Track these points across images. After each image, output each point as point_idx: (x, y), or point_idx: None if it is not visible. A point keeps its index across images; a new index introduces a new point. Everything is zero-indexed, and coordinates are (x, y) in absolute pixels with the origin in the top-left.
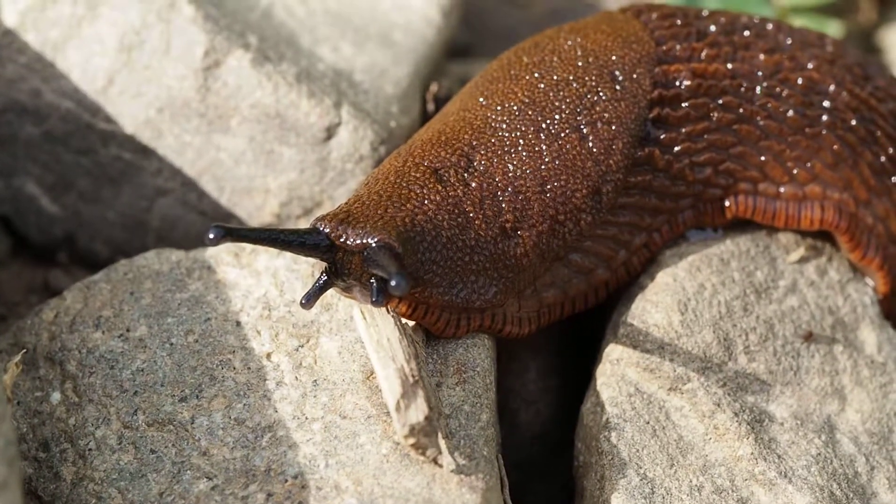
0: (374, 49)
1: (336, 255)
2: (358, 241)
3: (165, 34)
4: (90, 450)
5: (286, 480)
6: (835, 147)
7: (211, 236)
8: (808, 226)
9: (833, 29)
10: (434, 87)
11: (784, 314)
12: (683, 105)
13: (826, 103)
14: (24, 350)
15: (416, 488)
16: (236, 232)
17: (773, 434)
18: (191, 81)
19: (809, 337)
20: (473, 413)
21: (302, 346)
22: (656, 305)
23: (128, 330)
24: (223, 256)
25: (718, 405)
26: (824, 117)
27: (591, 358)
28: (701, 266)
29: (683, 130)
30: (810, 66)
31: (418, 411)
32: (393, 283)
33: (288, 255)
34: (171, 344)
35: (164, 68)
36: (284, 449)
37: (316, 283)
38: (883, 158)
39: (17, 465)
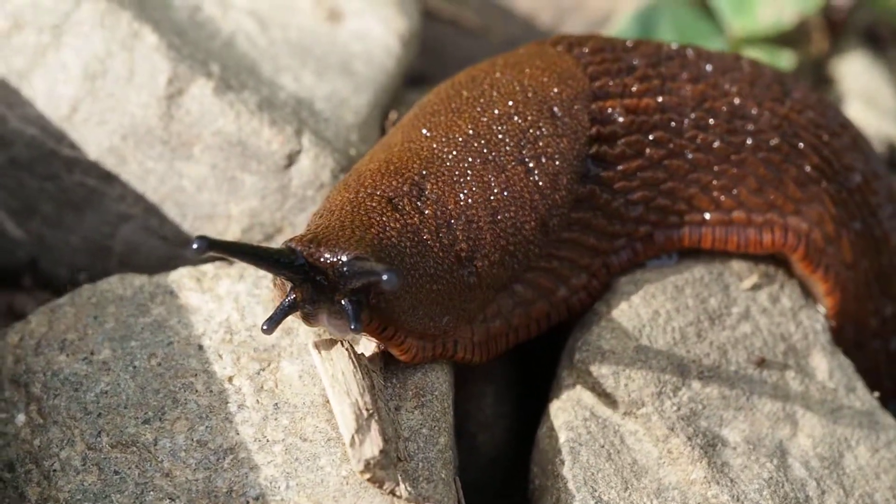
0: (334, 78)
1: (308, 275)
2: (333, 258)
3: (129, 62)
4: (55, 471)
5: (248, 502)
6: (759, 171)
7: (195, 247)
8: (734, 249)
9: (785, 59)
10: (393, 115)
11: (737, 340)
12: (619, 142)
13: (750, 126)
14: None
15: None
16: (219, 244)
17: (726, 458)
18: (154, 109)
19: (762, 363)
20: (432, 436)
21: (263, 370)
22: (612, 332)
23: (92, 353)
24: (185, 281)
25: (672, 430)
26: (748, 141)
27: (547, 383)
28: (656, 293)
29: (619, 168)
30: (733, 90)
31: (373, 445)
32: (385, 277)
33: (249, 280)
34: (135, 367)
35: (127, 96)
36: (246, 471)
37: (279, 306)
38: (808, 168)
39: None
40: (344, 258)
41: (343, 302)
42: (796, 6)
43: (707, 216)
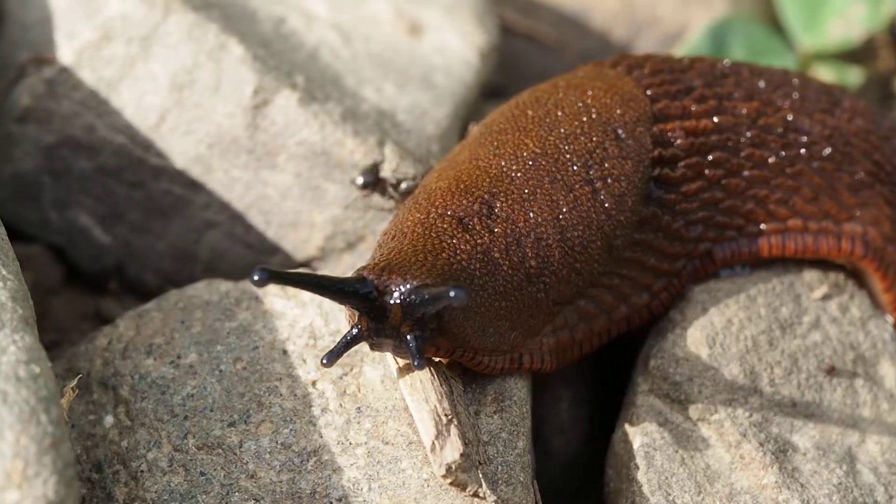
0: (415, 90)
1: (375, 304)
2: (402, 287)
3: (216, 73)
4: (142, 471)
5: (331, 503)
6: (814, 181)
7: (256, 278)
8: (791, 255)
9: (853, 76)
10: (472, 127)
11: (808, 349)
12: (680, 164)
13: (803, 139)
14: (80, 375)
15: None
16: (280, 276)
17: (797, 463)
18: (240, 119)
19: (832, 371)
20: (510, 440)
21: (346, 375)
22: (685, 339)
23: (178, 357)
24: (270, 287)
25: (744, 435)
26: (802, 153)
27: (621, 389)
28: (729, 302)
29: (681, 190)
30: (785, 104)
31: (454, 450)
32: (452, 294)
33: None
34: (221, 371)
35: (214, 106)
36: (329, 473)
37: (342, 340)
38: (860, 174)
39: (75, 485)
40: (412, 286)
41: (408, 337)
42: (865, 23)
43: (763, 227)
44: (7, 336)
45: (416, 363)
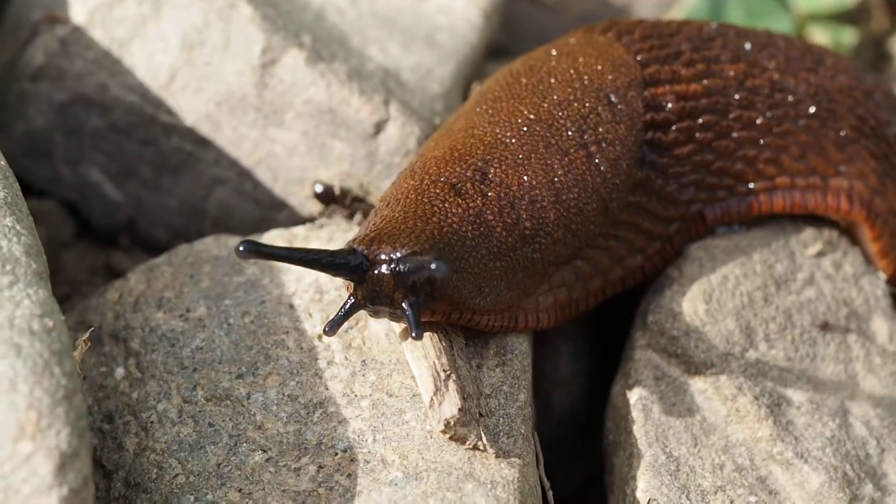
0: (420, 50)
1: (366, 274)
2: (391, 255)
3: (225, 33)
4: (152, 422)
5: (336, 454)
6: (800, 139)
7: (240, 249)
8: (779, 211)
9: (848, 36)
10: (475, 87)
11: (802, 305)
12: (671, 129)
13: (789, 98)
14: (92, 328)
15: (458, 463)
16: (266, 250)
17: (791, 417)
18: (248, 78)
19: (825, 326)
20: (512, 393)
21: (351, 328)
22: (683, 295)
23: (188, 310)
24: (277, 242)
25: (740, 389)
26: (789, 112)
27: (620, 343)
28: (725, 259)
29: (673, 154)
30: (771, 65)
31: (451, 405)
32: (433, 266)
33: (339, 241)
34: (229, 324)
35: (223, 65)
36: (335, 424)
37: (341, 309)
38: (845, 130)
39: (87, 436)
40: (401, 254)
41: (403, 305)
42: None
43: (752, 186)
44: (21, 290)
45: (413, 333)
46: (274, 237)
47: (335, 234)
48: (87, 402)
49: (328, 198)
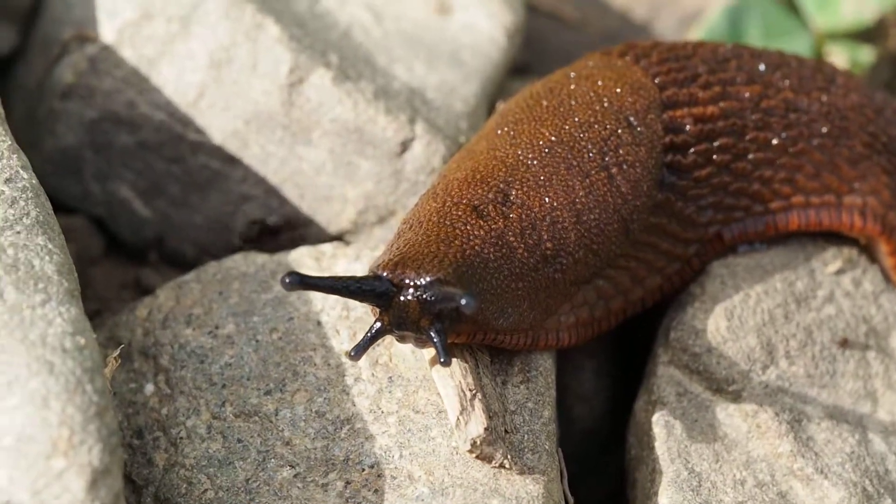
0: (444, 69)
1: (392, 300)
2: (417, 282)
3: (252, 52)
4: (181, 438)
5: (363, 469)
6: (815, 158)
7: (287, 281)
8: (794, 229)
9: (865, 54)
10: (500, 105)
11: (822, 322)
12: (690, 151)
13: (803, 118)
14: (122, 345)
15: (483, 479)
16: (309, 278)
17: (811, 433)
18: (276, 96)
19: (845, 343)
20: (536, 410)
21: (378, 345)
22: (705, 312)
23: (217, 327)
24: (305, 260)
25: (761, 405)
26: (803, 131)
27: (642, 360)
28: (746, 276)
29: (692, 176)
30: (785, 85)
31: (477, 425)
32: (463, 301)
33: (365, 259)
34: (257, 341)
35: (250, 84)
36: (362, 440)
37: (367, 333)
38: (858, 147)
39: (118, 453)
40: (426, 281)
41: (431, 333)
42: (877, 3)
43: (768, 206)
44: (54, 308)
45: (442, 359)
46: (302, 254)
47: (362, 253)
48: (117, 419)
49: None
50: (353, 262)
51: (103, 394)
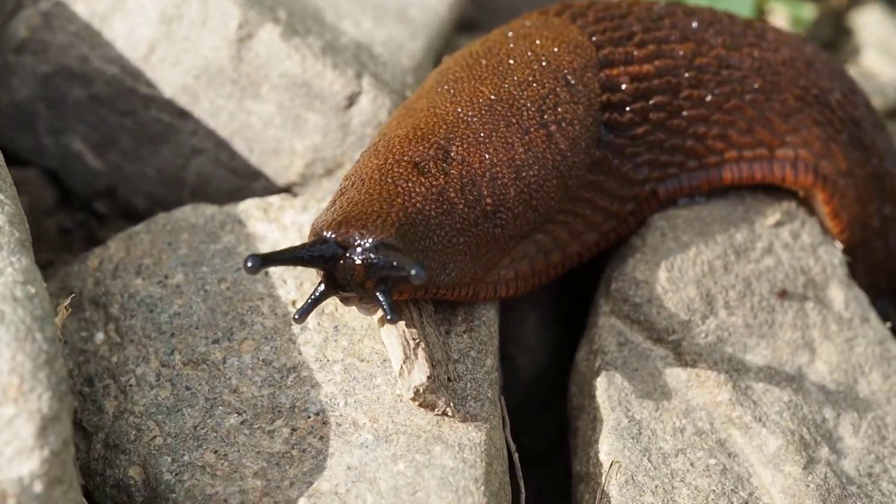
0: (392, 24)
1: (337, 263)
2: (362, 243)
3: (203, 8)
4: (131, 386)
5: (309, 416)
6: (747, 113)
7: (249, 265)
8: (728, 184)
9: (807, 11)
10: (446, 60)
11: (761, 273)
12: (626, 109)
13: (735, 74)
14: (73, 294)
15: (426, 426)
16: (269, 258)
17: (749, 382)
18: (225, 51)
19: (783, 294)
20: (479, 358)
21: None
22: (645, 263)
23: (166, 277)
24: (253, 212)
25: (700, 355)
26: (735, 88)
27: (584, 310)
28: (686, 228)
29: (628, 135)
30: (717, 41)
31: (420, 373)
32: (413, 272)
33: (312, 211)
34: (206, 291)
35: (201, 39)
36: (308, 388)
37: (311, 296)
38: (790, 101)
39: (67, 399)
40: (371, 243)
41: (377, 294)
42: None
43: (702, 161)
44: (4, 258)
45: (389, 317)
46: (250, 206)
47: (309, 204)
48: (67, 367)
49: None
50: (300, 213)
51: (53, 342)
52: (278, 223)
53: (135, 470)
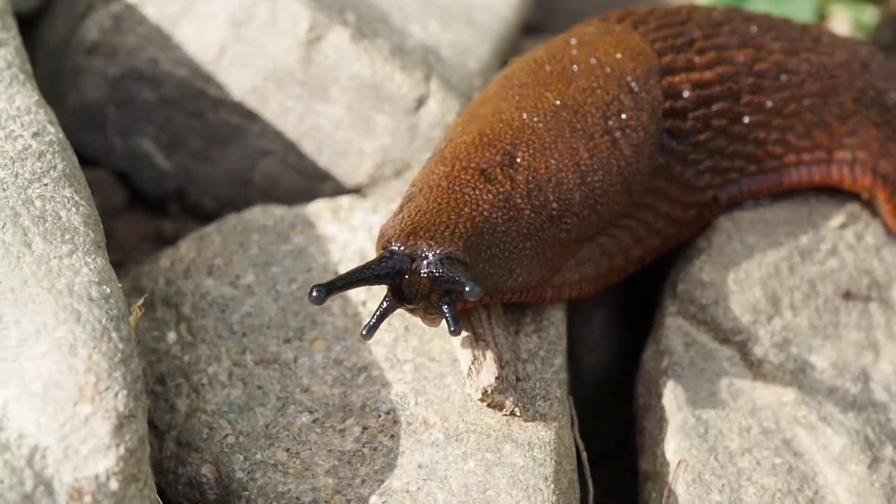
0: (458, 28)
1: (403, 278)
2: (429, 255)
3: (272, 11)
4: (203, 385)
5: (380, 415)
6: (805, 118)
7: (314, 294)
8: (787, 188)
9: (868, 15)
10: (512, 63)
11: (825, 274)
12: (689, 116)
13: (794, 79)
14: (146, 294)
15: (496, 425)
16: (334, 285)
17: (814, 382)
18: (294, 54)
19: (848, 295)
20: (548, 358)
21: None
22: (711, 265)
23: (237, 277)
24: (323, 213)
25: (766, 355)
26: (794, 92)
27: (647, 313)
28: (751, 230)
29: (690, 142)
30: (776, 47)
31: (489, 374)
32: (467, 288)
33: (382, 212)
34: (277, 291)
35: (270, 41)
36: (378, 387)
37: (377, 311)
38: (848, 104)
39: (143, 398)
40: (438, 256)
41: (441, 306)
42: None
43: (762, 166)
44: (80, 258)
45: (452, 329)
46: (320, 207)
47: (378, 205)
48: (141, 366)
49: None
50: (370, 214)
51: (128, 341)
52: (348, 224)
53: (207, 468)
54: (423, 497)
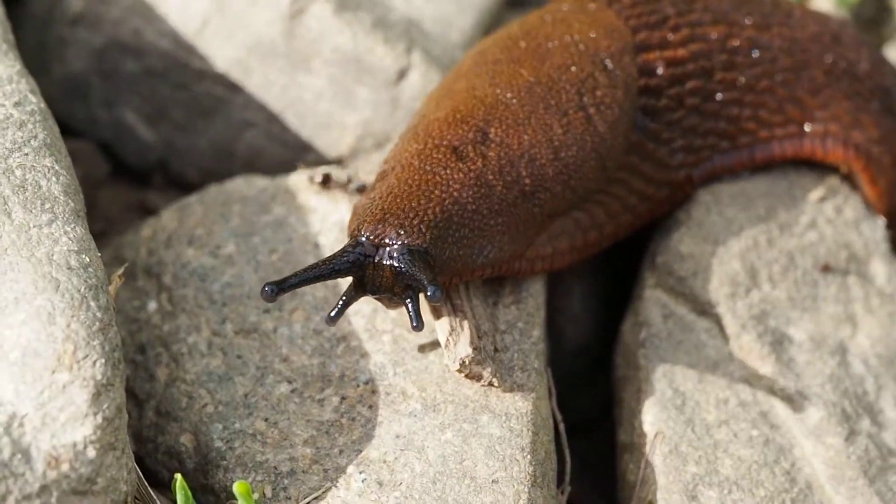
0: (441, 0)
1: (366, 270)
2: (394, 244)
3: None
4: (182, 354)
5: (358, 385)
6: (777, 92)
7: (267, 291)
8: (760, 164)
9: None
10: None
11: (804, 248)
12: (663, 95)
13: (766, 55)
14: (126, 263)
15: (474, 395)
16: (286, 283)
17: (792, 355)
18: (277, 26)
19: (826, 269)
20: (526, 329)
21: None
22: (690, 237)
23: (218, 247)
24: (304, 184)
25: (744, 327)
26: (767, 69)
27: (627, 285)
28: (730, 202)
29: (664, 120)
30: (748, 22)
31: (466, 345)
32: (429, 293)
33: (367, 182)
34: (257, 261)
35: (253, 14)
36: (357, 357)
37: (340, 299)
38: (819, 77)
39: (121, 367)
40: (401, 247)
41: (406, 302)
42: None
43: (735, 142)
44: (59, 227)
45: (414, 324)
46: (301, 178)
47: (359, 176)
48: (120, 335)
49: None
50: (346, 182)
51: (107, 310)
52: (329, 195)
53: (186, 437)
54: (401, 467)
